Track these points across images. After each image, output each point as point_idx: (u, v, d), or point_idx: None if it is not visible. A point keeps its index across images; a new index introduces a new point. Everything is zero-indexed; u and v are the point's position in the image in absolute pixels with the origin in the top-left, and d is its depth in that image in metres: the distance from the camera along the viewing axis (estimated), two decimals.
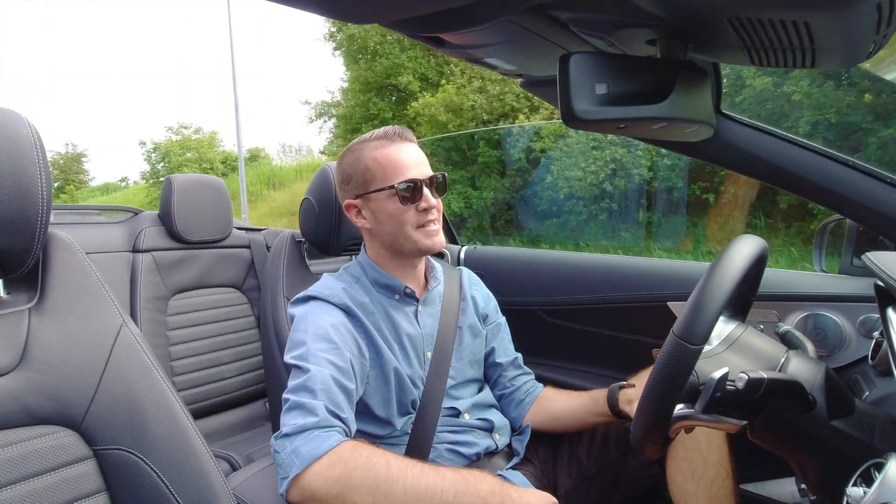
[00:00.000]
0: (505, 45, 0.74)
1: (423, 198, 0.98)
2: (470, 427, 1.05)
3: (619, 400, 0.99)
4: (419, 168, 0.99)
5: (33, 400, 0.60)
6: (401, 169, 0.98)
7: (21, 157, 0.60)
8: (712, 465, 0.93)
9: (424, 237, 1.00)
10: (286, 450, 0.79)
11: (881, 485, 0.55)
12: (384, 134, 1.01)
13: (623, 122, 0.64)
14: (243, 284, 1.83)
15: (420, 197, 0.98)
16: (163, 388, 0.68)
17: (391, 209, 0.99)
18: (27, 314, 0.64)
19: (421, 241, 1.00)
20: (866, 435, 0.67)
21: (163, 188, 1.74)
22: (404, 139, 1.01)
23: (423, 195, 0.98)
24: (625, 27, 0.67)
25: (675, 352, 0.64)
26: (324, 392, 0.84)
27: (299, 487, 0.77)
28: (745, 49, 0.64)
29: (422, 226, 0.99)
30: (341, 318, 0.96)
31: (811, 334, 1.10)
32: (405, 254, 1.03)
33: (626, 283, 1.39)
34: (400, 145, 1.00)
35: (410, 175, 0.98)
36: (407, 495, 0.75)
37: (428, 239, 1.00)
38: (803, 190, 0.93)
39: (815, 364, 0.73)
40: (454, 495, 0.76)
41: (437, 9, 0.58)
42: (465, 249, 1.77)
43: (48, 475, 0.60)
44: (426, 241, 1.00)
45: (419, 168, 0.99)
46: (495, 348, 1.18)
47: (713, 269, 0.69)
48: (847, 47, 0.59)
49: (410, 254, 1.03)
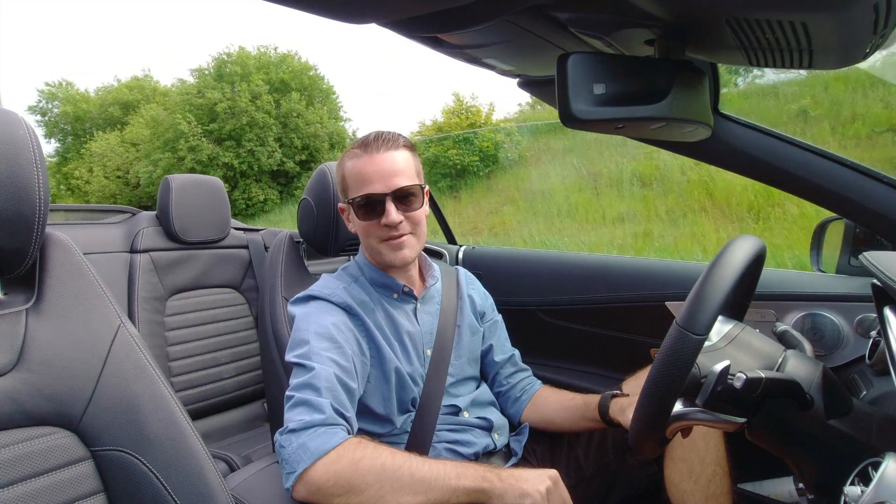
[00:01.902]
0: (503, 45, 0.74)
1: (384, 213, 0.96)
2: (469, 426, 1.05)
3: (611, 408, 1.00)
4: (385, 181, 0.96)
5: (31, 401, 0.60)
6: (364, 182, 0.96)
7: (18, 158, 0.60)
8: (710, 465, 0.94)
9: (388, 251, 0.99)
10: (292, 445, 0.79)
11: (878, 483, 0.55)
12: (363, 142, 0.99)
13: (621, 123, 0.64)
14: (241, 285, 1.83)
15: (381, 212, 0.96)
16: (160, 388, 0.68)
17: (358, 221, 1.00)
18: (24, 315, 0.63)
19: (385, 254, 1.00)
20: (863, 434, 0.67)
21: (160, 188, 1.73)
22: (386, 148, 0.97)
23: (384, 210, 0.96)
24: (623, 27, 0.68)
25: (678, 342, 0.64)
26: (328, 390, 0.85)
27: (306, 482, 0.77)
28: (742, 49, 0.64)
29: (386, 240, 0.99)
30: (343, 318, 0.96)
31: (809, 334, 1.10)
32: (379, 263, 1.04)
33: (624, 283, 1.40)
34: (374, 156, 0.97)
35: (371, 189, 0.96)
36: (413, 479, 0.78)
37: (391, 253, 0.99)
38: (800, 190, 0.93)
39: (812, 363, 0.73)
40: (456, 476, 0.80)
41: (436, 9, 0.58)
42: (463, 249, 1.77)
43: (46, 476, 0.59)
44: (389, 255, 1.00)
45: (385, 181, 0.96)
46: (493, 346, 1.18)
47: (715, 262, 0.69)
48: (844, 47, 0.59)
49: (381, 265, 1.04)
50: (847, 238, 1.13)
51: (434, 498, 0.78)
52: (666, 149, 1.04)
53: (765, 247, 0.77)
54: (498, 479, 0.80)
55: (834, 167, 0.89)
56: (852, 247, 1.12)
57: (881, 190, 0.87)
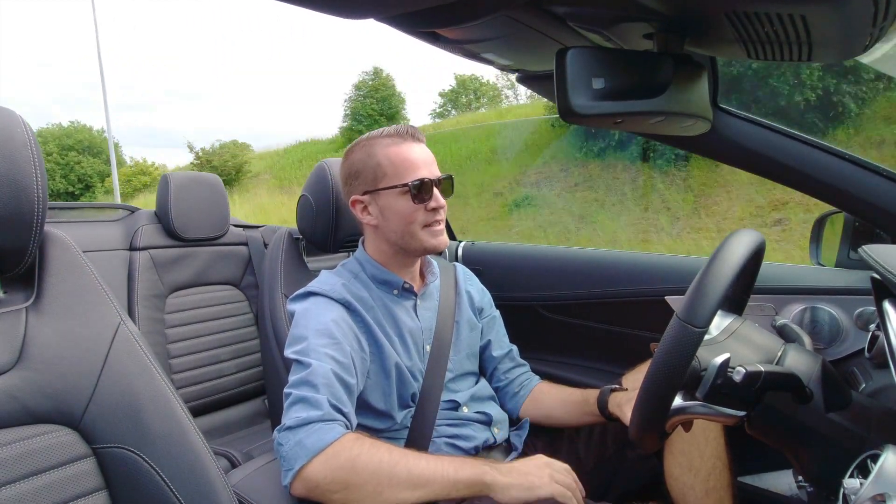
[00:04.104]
0: (501, 40, 0.74)
1: (433, 197, 0.99)
2: (469, 420, 1.06)
3: (609, 403, 1.00)
4: (429, 168, 1.00)
5: (32, 399, 0.60)
6: (414, 168, 0.98)
7: (16, 157, 0.60)
8: (709, 458, 0.94)
9: (430, 237, 1.01)
10: (290, 442, 0.80)
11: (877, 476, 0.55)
12: (396, 132, 1.01)
13: (620, 117, 0.64)
14: (241, 282, 1.83)
15: (430, 196, 0.99)
16: (161, 385, 0.68)
17: (400, 207, 0.99)
18: (24, 313, 0.63)
19: (427, 240, 1.01)
20: (863, 427, 0.67)
21: (159, 186, 1.73)
22: (416, 139, 1.02)
23: (433, 195, 0.99)
24: (622, 21, 0.67)
25: (678, 335, 0.64)
26: (326, 386, 0.85)
27: (304, 479, 0.78)
28: (741, 43, 0.64)
29: (428, 225, 1.00)
30: (342, 314, 0.96)
31: (808, 327, 1.10)
32: (409, 252, 1.03)
33: (624, 278, 1.40)
34: (412, 144, 1.01)
35: (422, 174, 0.98)
36: (410, 475, 0.78)
37: (433, 239, 1.01)
38: (800, 183, 0.93)
39: (811, 357, 0.73)
40: (454, 470, 0.80)
41: (434, 4, 0.58)
42: (462, 245, 1.77)
43: (47, 474, 0.60)
44: (431, 240, 1.01)
45: (429, 168, 1.00)
46: (491, 341, 1.19)
47: (715, 256, 0.69)
48: (844, 40, 0.59)
49: (415, 252, 1.03)
50: (846, 231, 1.13)
51: (433, 491, 0.79)
52: (665, 143, 1.04)
53: (764, 241, 0.77)
54: (499, 473, 0.81)
55: (833, 160, 0.88)
56: (851, 240, 1.12)
57: (880, 183, 0.87)
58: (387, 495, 0.77)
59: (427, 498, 0.79)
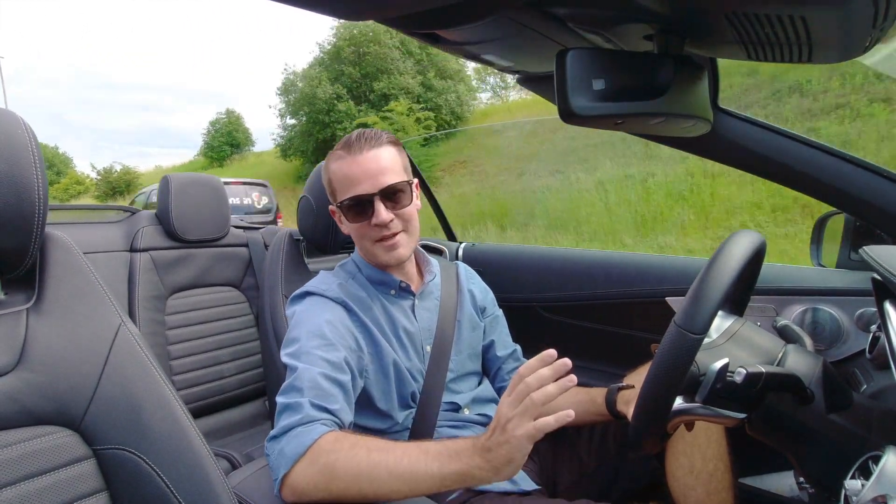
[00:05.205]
0: (502, 41, 0.74)
1: (373, 213, 0.95)
2: (470, 422, 1.06)
3: (618, 401, 0.99)
4: (372, 181, 0.94)
5: (32, 400, 0.60)
6: (350, 184, 0.95)
7: (17, 158, 0.60)
8: (711, 460, 0.94)
9: (382, 252, 0.99)
10: (274, 451, 0.79)
11: (879, 477, 0.55)
12: (346, 143, 0.98)
13: (620, 118, 0.64)
14: (241, 283, 1.83)
15: (371, 213, 0.96)
16: (162, 387, 0.68)
17: (349, 223, 1.00)
18: (25, 314, 0.63)
19: (380, 255, 1.00)
20: (864, 428, 0.67)
21: (159, 187, 1.73)
22: (370, 146, 0.96)
23: (373, 211, 0.95)
24: (622, 23, 0.67)
25: (676, 341, 0.64)
26: (310, 388, 0.83)
27: (289, 486, 0.77)
28: (741, 44, 0.64)
29: (379, 240, 0.98)
30: (338, 314, 0.96)
31: (809, 328, 1.10)
32: (375, 263, 1.04)
33: (625, 278, 1.40)
34: (356, 156, 0.95)
35: (358, 191, 0.95)
36: (391, 476, 0.74)
37: (386, 254, 0.99)
38: (800, 184, 0.93)
39: (812, 358, 0.73)
40: (439, 466, 0.73)
41: (434, 5, 0.58)
42: (463, 246, 1.77)
43: (48, 475, 0.60)
44: (384, 256, 0.99)
45: (372, 181, 0.94)
46: (495, 341, 1.18)
47: (714, 259, 0.69)
48: (844, 42, 0.59)
49: (378, 266, 1.04)
50: (847, 232, 1.13)
51: (419, 490, 0.75)
52: (665, 144, 1.03)
53: (764, 242, 0.77)
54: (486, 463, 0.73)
55: (833, 161, 0.88)
56: (852, 241, 1.12)
57: (880, 184, 0.86)
58: (371, 497, 0.75)
59: (414, 495, 0.76)
